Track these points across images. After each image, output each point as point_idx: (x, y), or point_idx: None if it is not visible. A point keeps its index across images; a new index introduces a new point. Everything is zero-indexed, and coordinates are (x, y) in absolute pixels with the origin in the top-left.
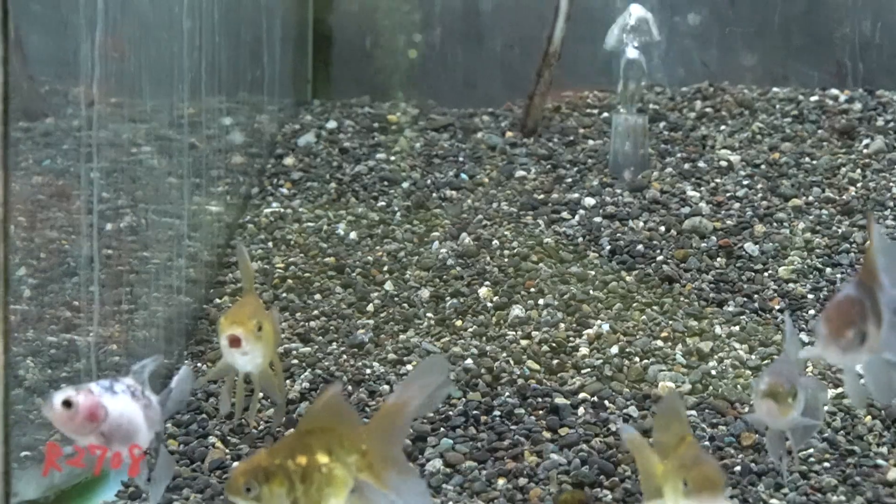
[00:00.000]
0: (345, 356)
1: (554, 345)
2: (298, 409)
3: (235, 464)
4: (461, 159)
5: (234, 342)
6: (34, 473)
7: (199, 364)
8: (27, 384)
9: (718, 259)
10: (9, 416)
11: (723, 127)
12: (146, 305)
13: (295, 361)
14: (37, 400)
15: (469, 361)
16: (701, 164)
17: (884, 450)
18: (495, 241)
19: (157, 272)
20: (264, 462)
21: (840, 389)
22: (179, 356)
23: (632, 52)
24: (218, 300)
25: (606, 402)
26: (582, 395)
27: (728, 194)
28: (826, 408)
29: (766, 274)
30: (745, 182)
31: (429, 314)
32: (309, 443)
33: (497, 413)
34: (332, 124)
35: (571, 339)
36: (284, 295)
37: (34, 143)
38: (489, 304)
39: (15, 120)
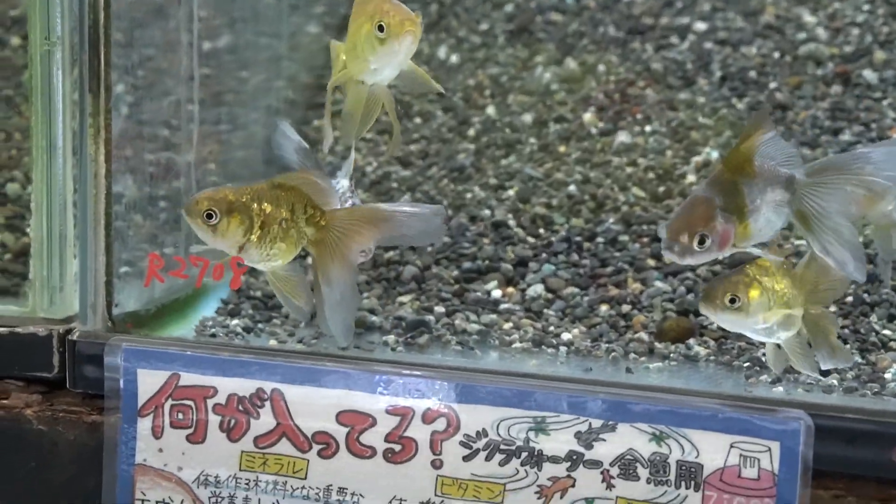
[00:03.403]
0: (445, 180)
1: (660, 172)
2: None
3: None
4: None
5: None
6: (136, 286)
7: None
8: (125, 201)
9: (835, 86)
10: (110, 227)
11: None
12: (245, 126)
13: (395, 185)
14: (136, 217)
15: (572, 187)
16: None
17: None
18: (601, 66)
19: (255, 92)
20: (231, 196)
21: None
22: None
23: None
24: (316, 122)
25: None
26: None
27: (847, 20)
28: None
29: (885, 102)
30: (865, 7)
31: (531, 139)
32: (277, 194)
33: (600, 240)
34: None
35: (678, 166)
36: (384, 117)
37: None
38: (594, 130)
39: None
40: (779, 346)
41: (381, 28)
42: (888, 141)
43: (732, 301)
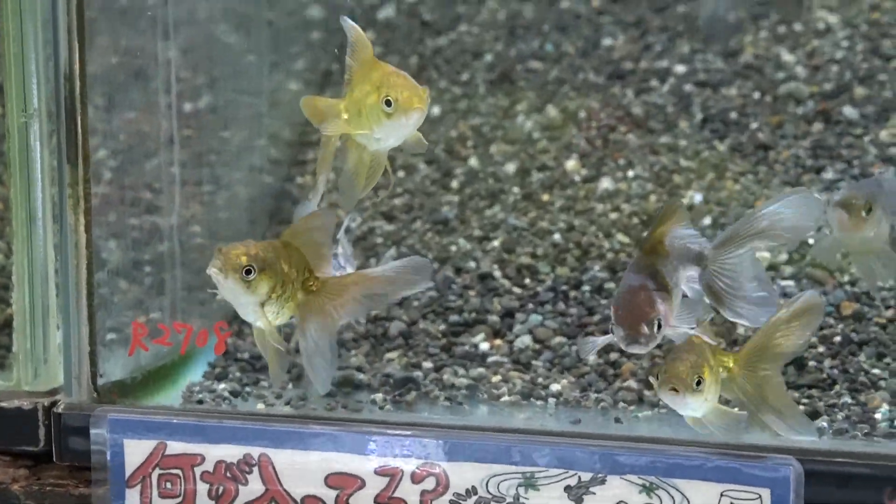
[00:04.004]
0: (430, 233)
1: (644, 217)
2: None
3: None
4: (546, 29)
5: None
6: (121, 353)
7: None
8: (110, 267)
9: (816, 124)
10: (93, 297)
11: None
12: (228, 186)
13: (379, 240)
14: (120, 283)
15: (557, 236)
16: (797, 26)
17: None
18: (582, 113)
19: (238, 152)
20: (262, 252)
21: None
22: (262, 237)
23: None
24: (300, 179)
25: None
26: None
27: (826, 57)
28: None
29: (866, 138)
30: (843, 44)
31: (515, 189)
32: (290, 255)
33: (586, 288)
34: None
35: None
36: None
37: (110, 22)
38: (577, 178)
39: None
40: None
41: (388, 103)
42: (779, 195)
43: (699, 383)
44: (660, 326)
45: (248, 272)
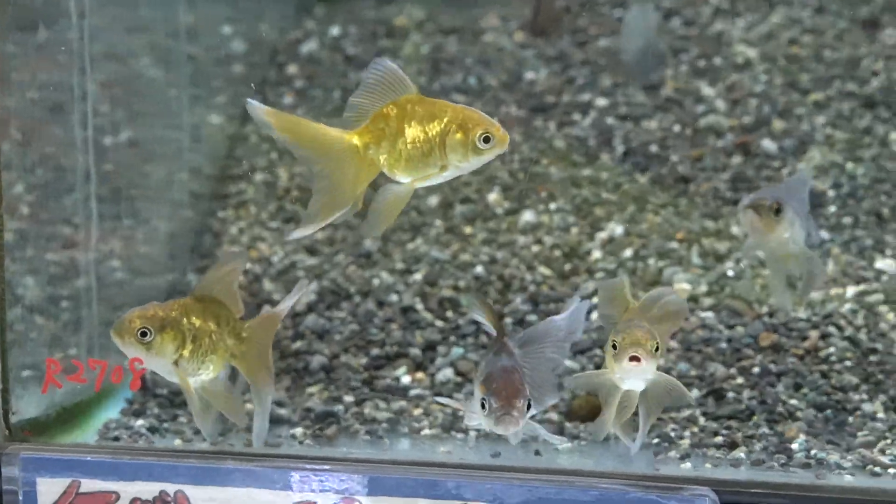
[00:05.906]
0: (352, 266)
1: (566, 249)
2: (305, 322)
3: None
4: (469, 63)
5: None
6: (35, 392)
7: None
8: (27, 302)
9: (735, 157)
10: (6, 334)
11: (740, 22)
12: (147, 220)
13: (301, 273)
14: (37, 319)
15: (479, 269)
16: (717, 60)
17: None
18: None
19: (159, 186)
20: (161, 312)
21: (861, 287)
22: (183, 271)
23: None
24: (221, 213)
25: None
26: (595, 300)
27: (745, 91)
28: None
29: (784, 171)
30: (762, 78)
31: (437, 221)
32: (202, 308)
33: (509, 320)
34: (335, 30)
35: (584, 242)
36: (290, 206)
37: (27, 56)
38: (499, 210)
39: (6, 32)
40: None
41: (486, 139)
42: (572, 307)
43: (656, 349)
44: (529, 407)
45: (144, 334)
